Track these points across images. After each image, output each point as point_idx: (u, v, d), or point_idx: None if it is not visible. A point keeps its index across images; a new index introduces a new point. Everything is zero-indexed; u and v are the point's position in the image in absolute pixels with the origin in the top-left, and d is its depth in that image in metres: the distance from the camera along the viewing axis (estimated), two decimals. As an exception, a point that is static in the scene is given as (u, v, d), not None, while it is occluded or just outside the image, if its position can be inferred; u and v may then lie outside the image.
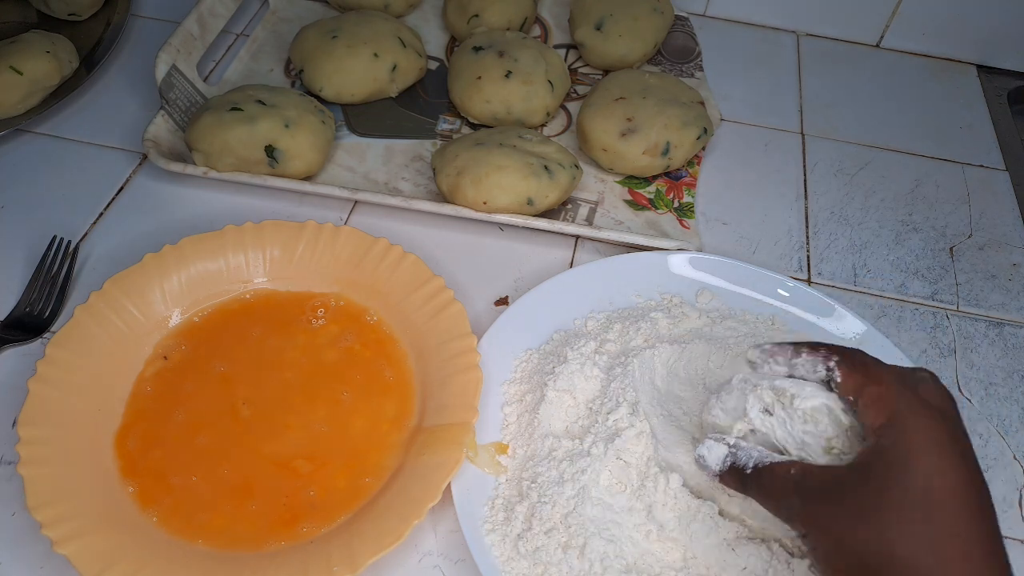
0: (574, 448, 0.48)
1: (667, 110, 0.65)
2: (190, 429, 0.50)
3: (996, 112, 0.80)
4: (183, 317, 0.55)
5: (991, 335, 0.61)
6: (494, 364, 0.53)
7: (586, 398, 0.51)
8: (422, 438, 0.49)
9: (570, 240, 0.65)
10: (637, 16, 0.74)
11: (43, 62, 0.67)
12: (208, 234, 0.56)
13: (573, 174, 0.63)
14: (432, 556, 0.47)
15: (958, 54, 0.85)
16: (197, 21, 0.71)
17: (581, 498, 0.45)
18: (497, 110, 0.69)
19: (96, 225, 0.63)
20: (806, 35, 0.86)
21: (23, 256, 0.60)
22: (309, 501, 0.47)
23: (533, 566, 0.44)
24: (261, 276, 0.57)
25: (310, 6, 0.82)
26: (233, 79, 0.74)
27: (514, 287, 0.61)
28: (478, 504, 0.47)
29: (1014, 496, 0.53)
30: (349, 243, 0.57)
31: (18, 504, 0.47)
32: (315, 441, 0.50)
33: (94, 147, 0.68)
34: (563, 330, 0.56)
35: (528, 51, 0.70)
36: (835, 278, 0.64)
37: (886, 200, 0.71)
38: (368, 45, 0.70)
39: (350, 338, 0.55)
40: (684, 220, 0.65)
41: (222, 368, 0.53)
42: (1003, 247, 0.68)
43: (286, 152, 0.62)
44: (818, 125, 0.76)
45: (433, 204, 0.62)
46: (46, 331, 0.56)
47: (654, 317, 0.55)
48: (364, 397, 0.52)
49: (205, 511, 0.47)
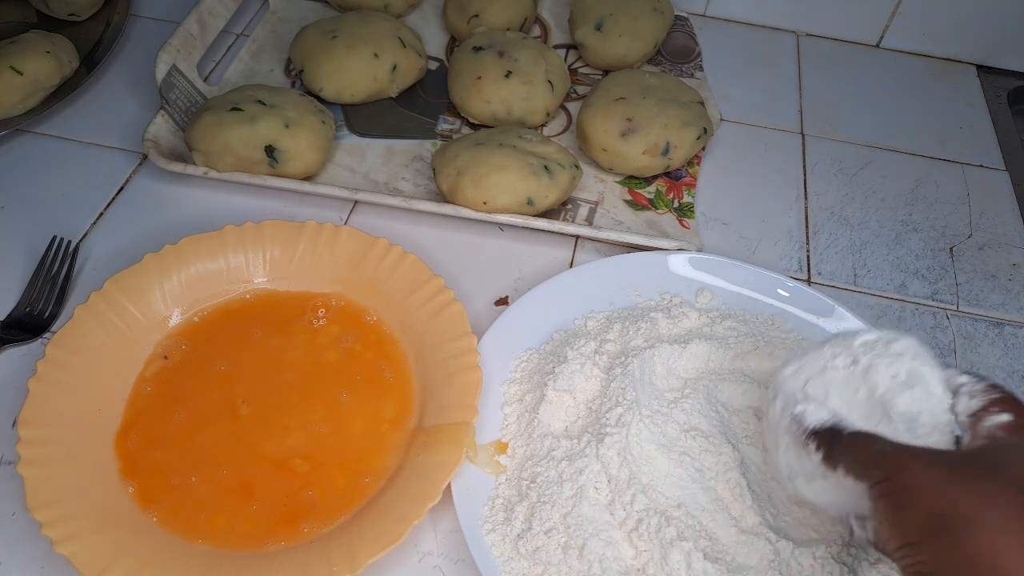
0: (572, 448, 0.48)
1: (667, 110, 0.65)
2: (190, 429, 0.50)
3: (996, 112, 0.80)
4: (183, 317, 0.55)
5: (991, 335, 0.61)
6: (494, 364, 0.53)
7: (586, 398, 0.51)
8: (422, 438, 0.49)
9: (570, 240, 0.65)
10: (637, 16, 0.74)
11: (43, 62, 0.67)
12: (208, 234, 0.56)
13: (573, 174, 0.63)
14: (432, 556, 0.47)
15: (958, 54, 0.85)
16: (197, 21, 0.71)
17: (579, 498, 0.45)
18: (497, 110, 0.69)
19: (96, 225, 0.63)
20: (806, 35, 0.86)
21: (23, 256, 0.60)
22: (309, 501, 0.47)
23: (533, 566, 0.44)
24: (261, 276, 0.57)
25: (310, 6, 0.82)
26: (233, 79, 0.74)
27: (514, 287, 0.61)
28: (478, 504, 0.47)
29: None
30: (349, 243, 0.57)
31: (18, 504, 0.47)
32: (315, 441, 0.50)
33: (94, 147, 0.68)
34: (563, 330, 0.56)
35: (528, 51, 0.70)
36: (835, 278, 0.64)
37: (886, 200, 0.71)
38: (368, 45, 0.70)
39: (350, 338, 0.55)
40: (684, 220, 0.65)
41: (222, 368, 0.53)
42: (1003, 247, 0.68)
43: (286, 152, 0.62)
44: (818, 125, 0.76)
45: (433, 204, 0.62)
46: (46, 331, 0.56)
47: (654, 317, 0.55)
48: (364, 397, 0.52)
49: (205, 511, 0.47)
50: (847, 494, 0.38)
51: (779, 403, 0.43)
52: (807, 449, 0.40)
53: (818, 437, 0.39)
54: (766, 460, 0.48)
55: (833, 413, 0.40)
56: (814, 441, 0.39)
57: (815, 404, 0.41)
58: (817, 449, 0.39)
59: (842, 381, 0.41)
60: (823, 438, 0.39)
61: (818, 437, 0.39)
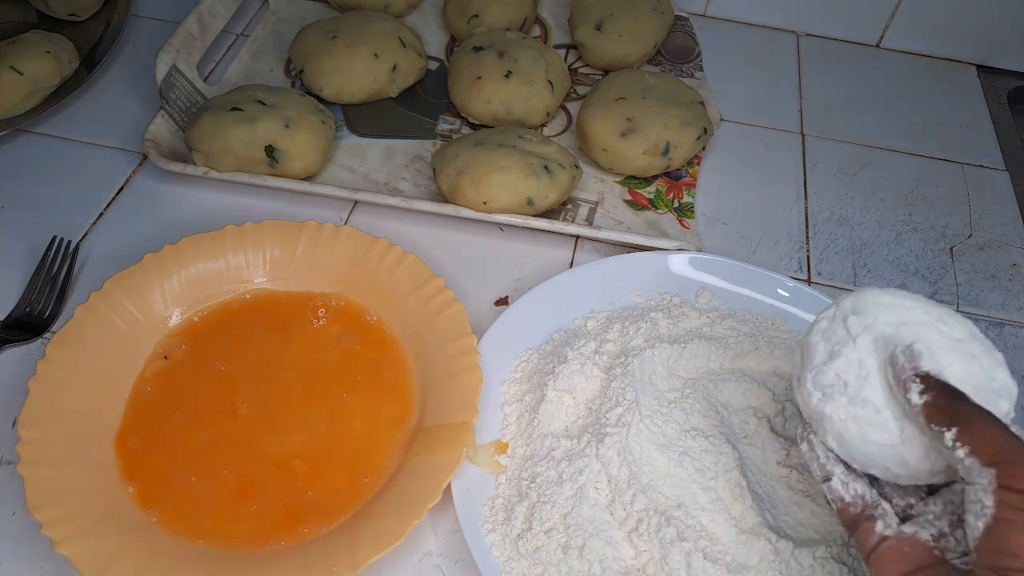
0: (572, 448, 0.48)
1: (667, 110, 0.65)
2: (190, 429, 0.50)
3: (996, 112, 0.80)
4: (183, 317, 0.55)
5: (991, 335, 0.61)
6: (494, 364, 0.53)
7: (586, 398, 0.51)
8: (422, 438, 0.49)
9: (570, 240, 0.65)
10: (637, 16, 0.74)
11: (43, 62, 0.67)
12: (208, 234, 0.56)
13: (573, 174, 0.63)
14: (432, 556, 0.47)
15: (958, 54, 0.85)
16: (197, 21, 0.71)
17: (579, 498, 0.45)
18: (497, 110, 0.69)
19: (96, 225, 0.63)
20: (806, 35, 0.86)
21: (23, 256, 0.60)
22: (309, 501, 0.47)
23: (533, 566, 0.44)
24: (261, 276, 0.57)
25: (310, 6, 0.82)
26: (233, 79, 0.74)
27: (514, 287, 0.61)
28: (478, 504, 0.47)
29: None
30: (349, 243, 0.57)
31: (18, 504, 0.47)
32: (315, 441, 0.50)
33: (94, 147, 0.68)
34: (563, 330, 0.56)
35: (528, 51, 0.70)
36: (835, 278, 0.64)
37: (886, 200, 0.71)
38: (368, 45, 0.70)
39: (350, 338, 0.55)
40: (684, 220, 0.65)
41: (222, 368, 0.53)
42: (1003, 247, 0.68)
43: (286, 152, 0.62)
44: (818, 125, 0.76)
45: (433, 204, 0.62)
46: (46, 331, 0.56)
47: (654, 317, 0.55)
48: (364, 397, 0.52)
49: (205, 511, 0.47)
50: (931, 459, 0.36)
51: (879, 316, 0.39)
52: (908, 387, 0.36)
53: (929, 384, 0.36)
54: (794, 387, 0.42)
55: (941, 373, 0.36)
56: (921, 384, 0.36)
57: (929, 355, 0.37)
58: (922, 394, 0.35)
59: (948, 350, 0.37)
60: (938, 388, 0.35)
61: (929, 384, 0.36)
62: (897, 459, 0.38)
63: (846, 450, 0.39)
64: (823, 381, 0.39)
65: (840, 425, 0.39)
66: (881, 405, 0.37)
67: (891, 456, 0.38)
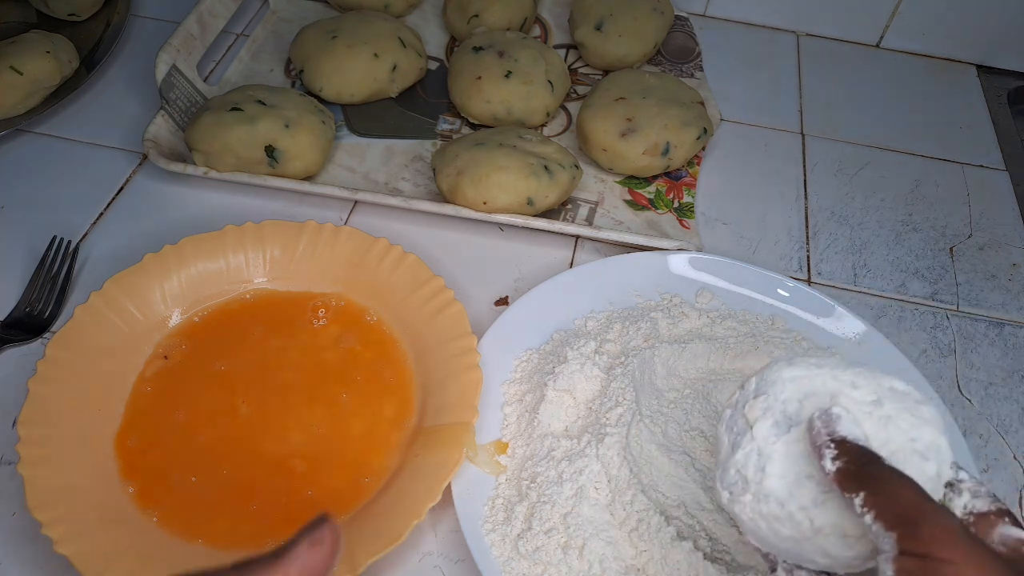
0: (572, 448, 0.48)
1: (667, 110, 0.65)
2: (190, 429, 0.50)
3: (996, 112, 0.80)
4: (183, 317, 0.55)
5: (991, 335, 0.61)
6: (494, 364, 0.53)
7: (586, 398, 0.51)
8: (422, 438, 0.49)
9: (570, 240, 0.65)
10: (637, 16, 0.74)
11: (43, 62, 0.67)
12: (208, 234, 0.56)
13: (573, 174, 0.63)
14: (432, 556, 0.47)
15: (958, 54, 0.85)
16: (197, 21, 0.71)
17: (579, 498, 0.45)
18: (497, 110, 0.69)
19: (96, 225, 0.63)
20: (806, 35, 0.86)
21: (23, 256, 0.60)
22: (309, 501, 0.47)
23: (533, 566, 0.44)
24: (261, 276, 0.57)
25: (310, 6, 0.82)
26: (233, 79, 0.74)
27: (514, 287, 0.61)
28: (478, 504, 0.47)
29: (1014, 496, 0.53)
30: (349, 243, 0.57)
31: (18, 504, 0.47)
32: (315, 441, 0.50)
33: (94, 147, 0.68)
34: (563, 330, 0.56)
35: (528, 51, 0.70)
36: (835, 278, 0.64)
37: (886, 200, 0.71)
38: (368, 45, 0.70)
39: (350, 338, 0.55)
40: (684, 220, 0.65)
41: (222, 368, 0.53)
42: (1003, 247, 0.68)
43: (286, 152, 0.62)
44: (818, 125, 0.76)
45: (433, 204, 0.62)
46: (46, 331, 0.56)
47: (654, 317, 0.55)
48: (364, 397, 0.52)
49: (205, 511, 0.47)
50: (842, 521, 0.34)
51: (780, 395, 0.37)
52: (821, 454, 0.33)
53: (843, 449, 0.33)
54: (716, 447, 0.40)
55: (865, 436, 0.34)
56: (835, 449, 0.33)
57: (849, 418, 0.35)
58: (835, 460, 0.33)
59: (859, 415, 0.35)
60: (852, 453, 0.33)
61: (843, 449, 0.33)
62: (817, 550, 0.35)
63: (767, 547, 0.37)
64: (727, 479, 0.37)
65: (752, 524, 0.36)
66: (784, 498, 0.35)
67: (810, 549, 0.35)
